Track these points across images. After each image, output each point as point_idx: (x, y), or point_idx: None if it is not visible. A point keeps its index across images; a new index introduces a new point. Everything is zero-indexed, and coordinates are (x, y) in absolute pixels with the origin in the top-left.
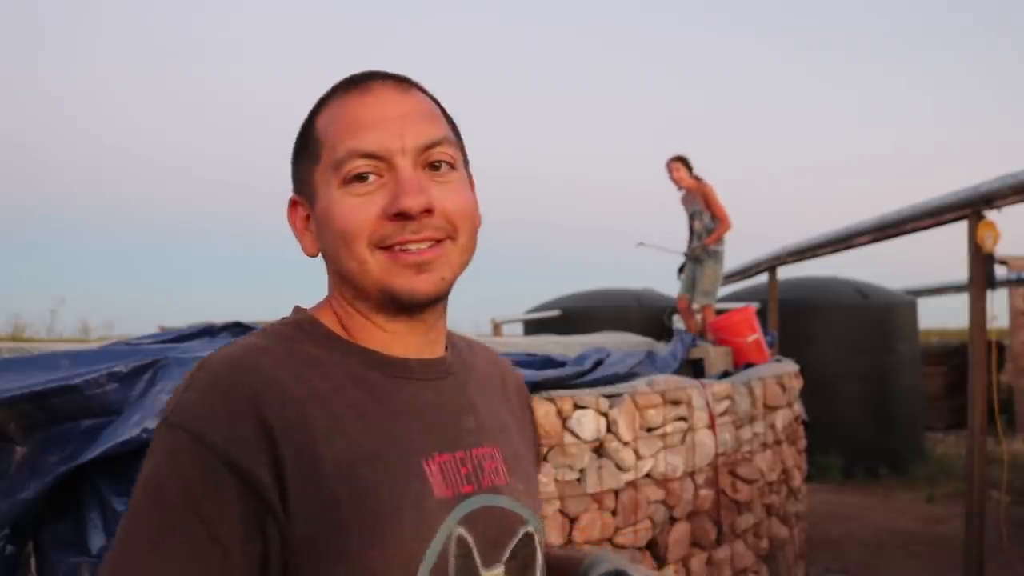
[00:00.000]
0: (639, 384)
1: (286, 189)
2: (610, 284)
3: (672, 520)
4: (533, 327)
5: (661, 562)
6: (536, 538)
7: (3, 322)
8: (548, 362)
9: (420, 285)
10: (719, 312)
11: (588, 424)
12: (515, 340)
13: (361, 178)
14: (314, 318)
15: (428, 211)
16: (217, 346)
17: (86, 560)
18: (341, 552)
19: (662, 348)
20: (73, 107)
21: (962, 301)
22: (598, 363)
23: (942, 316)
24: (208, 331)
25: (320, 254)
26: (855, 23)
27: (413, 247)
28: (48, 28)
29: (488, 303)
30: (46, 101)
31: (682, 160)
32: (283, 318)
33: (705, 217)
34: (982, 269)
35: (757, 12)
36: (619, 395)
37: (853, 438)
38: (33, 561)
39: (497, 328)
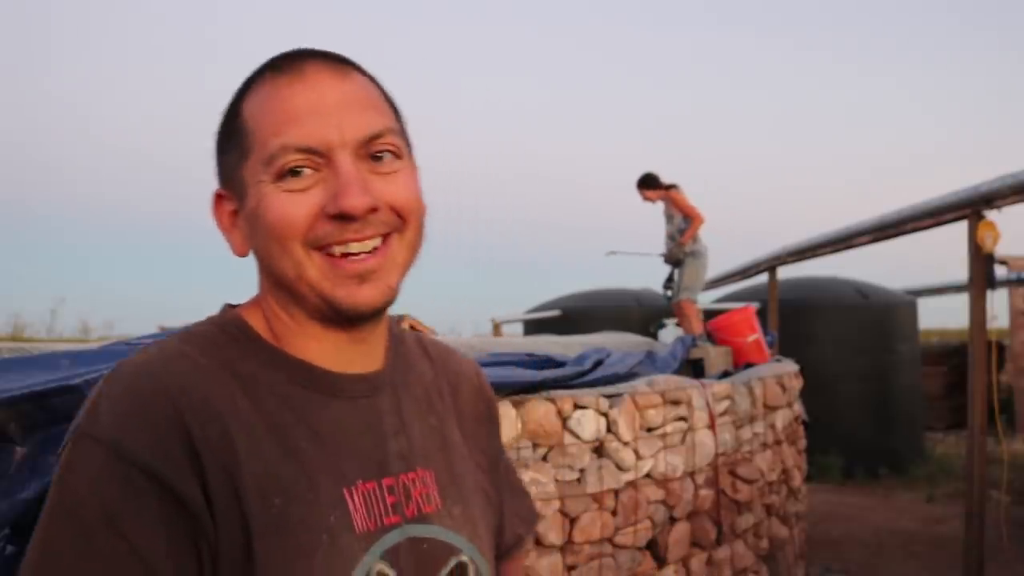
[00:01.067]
0: (639, 384)
1: None
2: (610, 284)
3: (672, 520)
4: (533, 327)
5: (661, 562)
6: (471, 568)
7: (3, 322)
8: (548, 362)
9: (363, 297)
10: (719, 312)
11: (588, 424)
12: (515, 340)
13: (295, 173)
14: (243, 320)
15: (373, 210)
16: None
17: None
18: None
19: (662, 348)
20: (73, 107)
21: (962, 301)
22: (598, 363)
23: (942, 316)
24: None
25: (251, 253)
26: (855, 23)
27: (355, 248)
28: (48, 27)
29: (488, 303)
30: (46, 101)
31: (644, 183)
32: (210, 316)
33: (676, 219)
34: (982, 269)
35: (758, 12)
36: (619, 395)
37: (853, 438)
38: None
39: (497, 328)
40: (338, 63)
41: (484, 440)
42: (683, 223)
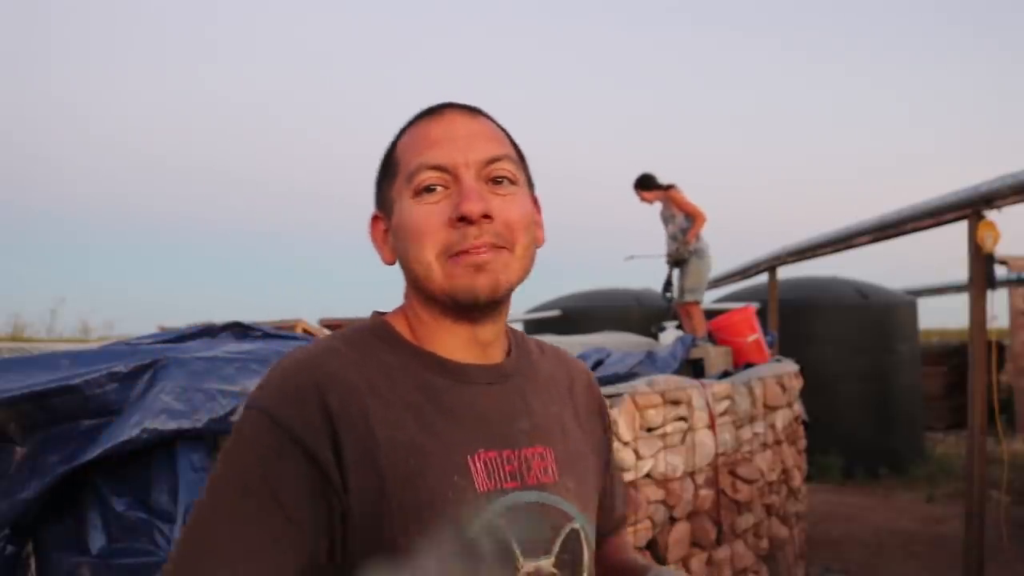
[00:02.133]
0: (639, 384)
1: (291, 189)
2: (610, 284)
3: (672, 520)
4: (533, 327)
5: (661, 562)
6: (583, 535)
7: (3, 322)
8: None
9: (479, 284)
10: (719, 312)
11: None
12: None
13: (430, 189)
14: (386, 322)
15: (487, 216)
16: (217, 346)
17: (86, 560)
18: (387, 532)
19: (662, 349)
20: (73, 106)
21: (962, 301)
22: (598, 363)
23: (942, 316)
24: (208, 331)
25: (397, 262)
26: (856, 24)
27: (472, 245)
28: (49, 26)
29: None
30: (46, 100)
31: (641, 184)
32: (362, 321)
33: (678, 219)
34: (982, 269)
35: (759, 13)
36: (619, 395)
37: (853, 438)
38: (33, 561)
39: None
40: (471, 109)
41: (598, 431)
42: (685, 222)
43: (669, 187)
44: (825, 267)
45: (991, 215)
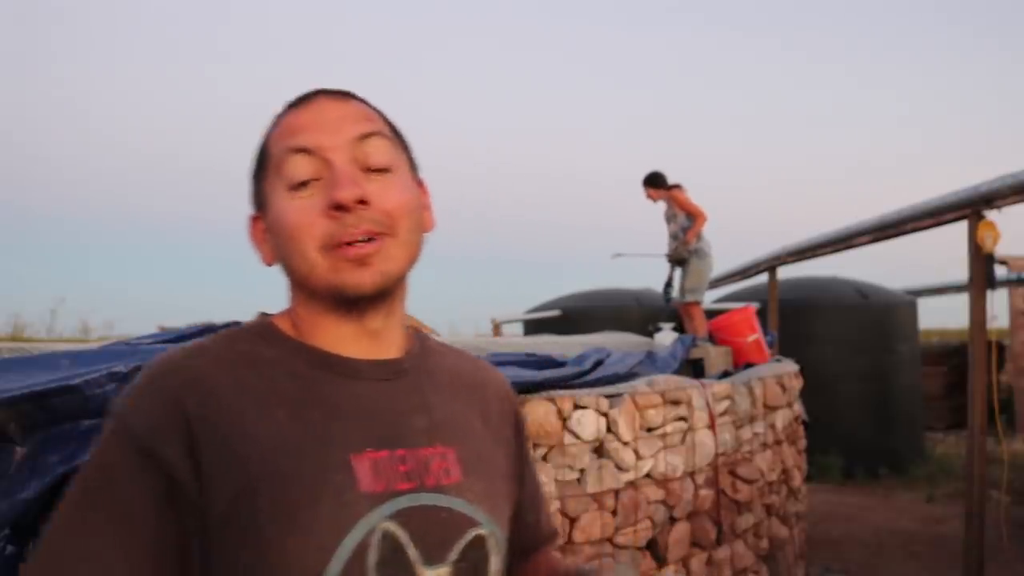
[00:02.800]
0: (639, 384)
1: None
2: (610, 284)
3: (672, 520)
4: (533, 327)
5: (661, 562)
6: (489, 541)
7: (3, 322)
8: (548, 362)
9: (363, 279)
10: (719, 312)
11: (588, 424)
12: (515, 340)
13: (304, 184)
14: (270, 322)
15: (363, 202)
16: None
17: None
18: (255, 537)
19: (659, 349)
20: (74, 106)
21: (962, 301)
22: (598, 363)
23: (942, 316)
24: (208, 331)
25: (278, 263)
26: (857, 24)
27: (352, 238)
28: (50, 25)
29: (488, 303)
30: (47, 100)
31: (649, 182)
32: (241, 323)
33: (680, 218)
34: (982, 269)
35: (760, 13)
36: (619, 395)
37: (853, 438)
38: None
39: (497, 328)
40: (342, 93)
41: (511, 436)
42: (686, 222)
43: (673, 187)
44: (825, 267)
45: (991, 215)
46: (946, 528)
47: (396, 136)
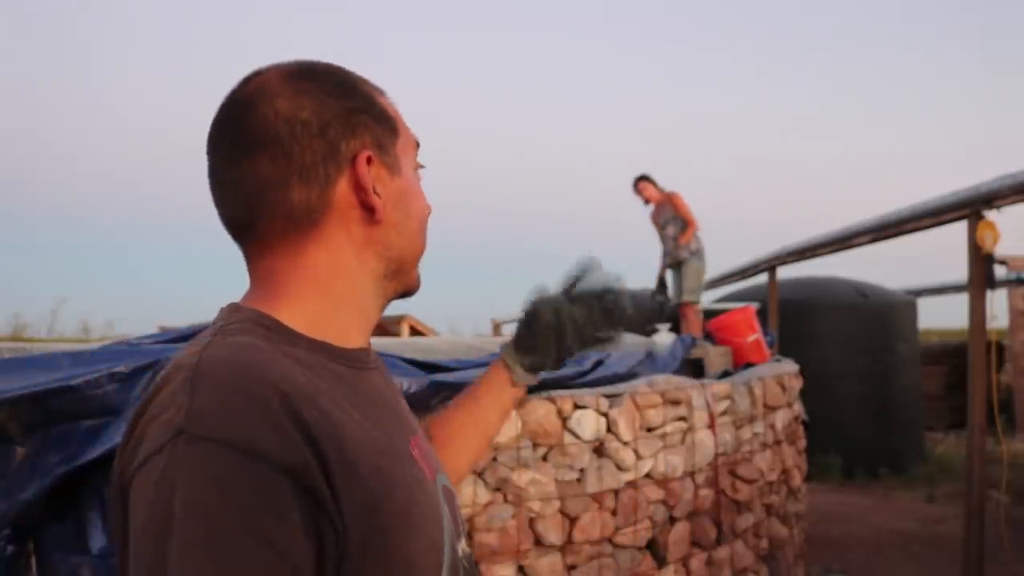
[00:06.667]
0: (639, 384)
1: None
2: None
3: (672, 520)
4: None
5: (661, 562)
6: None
7: (3, 322)
8: None
9: (419, 279)
10: (719, 312)
11: (588, 424)
12: None
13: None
14: (270, 315)
15: None
16: None
17: (86, 560)
18: (385, 549)
19: (660, 349)
20: (74, 107)
21: (962, 301)
22: (598, 363)
23: (942, 316)
24: None
25: (385, 227)
26: (858, 24)
27: None
28: (51, 25)
29: (488, 303)
30: (47, 101)
31: (648, 179)
32: (229, 319)
33: (678, 221)
34: (982, 269)
35: (761, 13)
36: (619, 395)
37: (853, 438)
38: (33, 561)
39: (497, 328)
40: None
41: None
42: (676, 227)
43: (672, 194)
44: (825, 267)
45: (991, 215)
46: (946, 528)
47: None
